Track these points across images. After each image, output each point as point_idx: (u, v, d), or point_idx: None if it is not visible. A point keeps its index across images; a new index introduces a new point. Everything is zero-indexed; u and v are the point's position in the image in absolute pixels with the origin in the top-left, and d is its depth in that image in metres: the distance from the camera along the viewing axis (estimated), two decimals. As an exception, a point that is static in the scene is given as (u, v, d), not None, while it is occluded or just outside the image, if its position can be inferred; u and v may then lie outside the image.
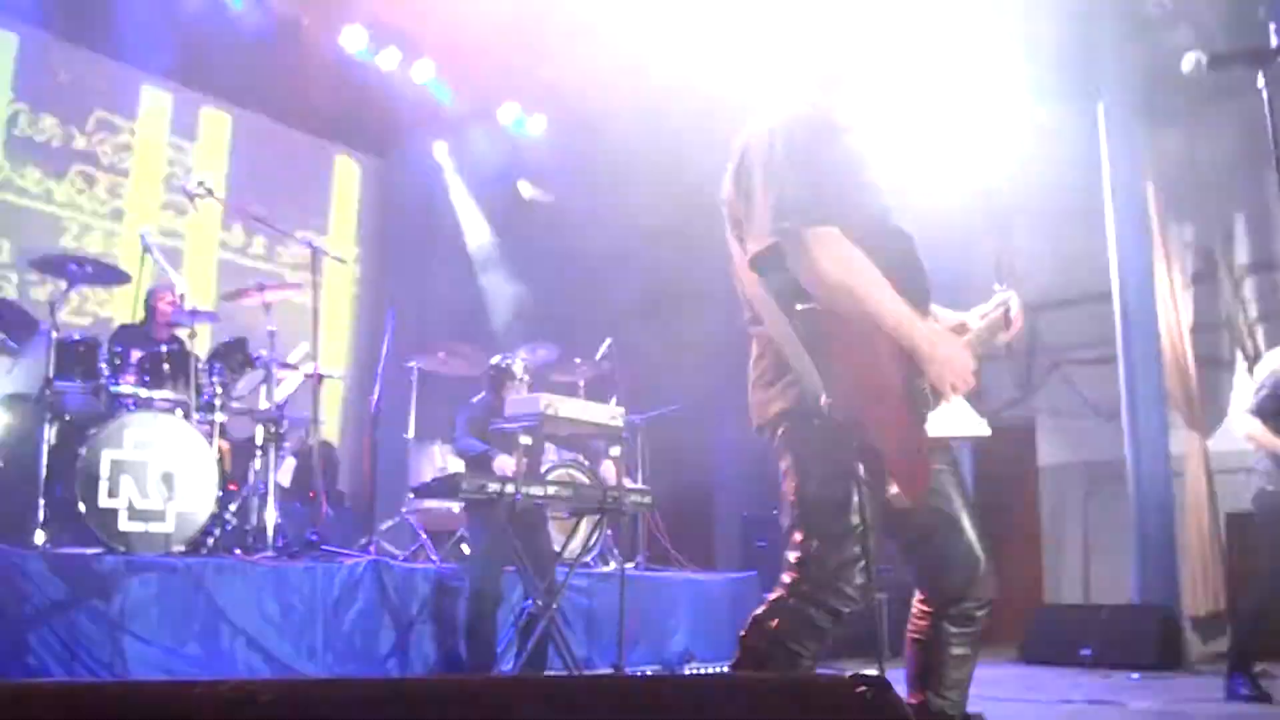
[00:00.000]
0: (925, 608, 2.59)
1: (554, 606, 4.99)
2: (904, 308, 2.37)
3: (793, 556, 2.43)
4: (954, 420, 2.44)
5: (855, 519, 2.34)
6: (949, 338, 2.44)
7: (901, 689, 1.95)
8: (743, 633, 2.46)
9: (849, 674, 1.45)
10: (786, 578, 2.43)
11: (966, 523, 2.54)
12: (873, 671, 1.48)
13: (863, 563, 2.36)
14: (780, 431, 2.50)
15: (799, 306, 2.33)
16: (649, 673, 5.94)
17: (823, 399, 2.27)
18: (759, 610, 2.46)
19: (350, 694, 1.34)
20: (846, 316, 2.33)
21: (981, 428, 2.49)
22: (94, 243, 7.72)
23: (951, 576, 2.53)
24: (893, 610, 6.50)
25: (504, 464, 5.34)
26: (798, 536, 2.43)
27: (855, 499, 2.34)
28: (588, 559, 6.30)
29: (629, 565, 6.68)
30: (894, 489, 2.34)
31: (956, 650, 2.54)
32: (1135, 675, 6.48)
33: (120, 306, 6.21)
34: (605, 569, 6.66)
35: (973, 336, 2.65)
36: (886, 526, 2.49)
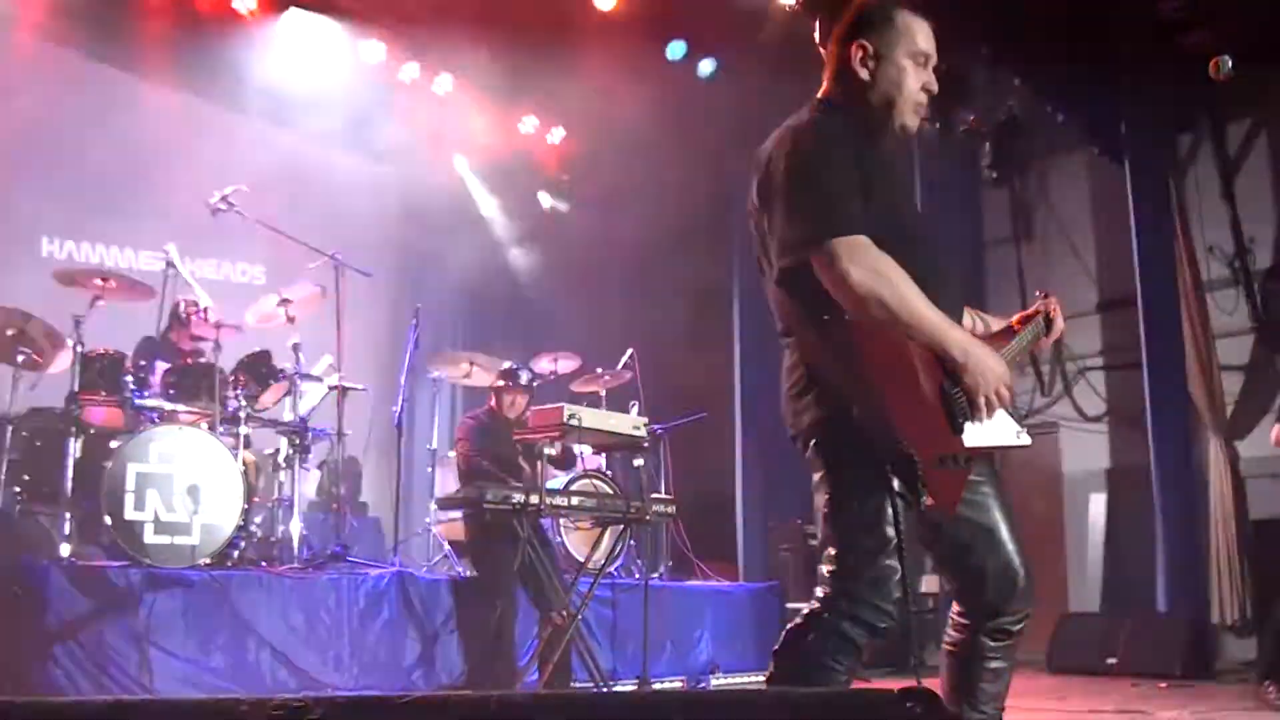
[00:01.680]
0: (962, 620, 2.54)
1: (577, 618, 4.94)
2: (937, 315, 2.29)
3: (827, 571, 2.37)
4: (993, 430, 2.37)
5: (890, 532, 2.29)
6: (983, 347, 2.36)
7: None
8: (776, 648, 2.41)
9: (897, 689, 1.40)
10: (821, 592, 2.37)
11: (1005, 535, 2.48)
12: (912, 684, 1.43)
13: (898, 576, 2.32)
14: (813, 443, 2.43)
15: (827, 317, 2.29)
16: (677, 685, 5.91)
17: (855, 410, 2.23)
18: (793, 625, 2.41)
19: (398, 709, 1.32)
20: (878, 326, 2.26)
21: (1021, 438, 2.42)
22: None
23: (989, 591, 2.47)
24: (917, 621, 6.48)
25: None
26: (832, 550, 2.37)
27: (890, 512, 2.28)
28: (611, 569, 6.28)
29: (653, 575, 6.64)
30: (929, 501, 2.28)
31: (993, 664, 2.49)
32: (1162, 684, 6.39)
33: (145, 321, 6.21)
34: (629, 579, 6.63)
35: (1014, 344, 2.58)
36: (923, 539, 2.45)
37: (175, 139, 8.39)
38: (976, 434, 2.34)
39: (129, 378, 5.33)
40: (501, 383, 5.98)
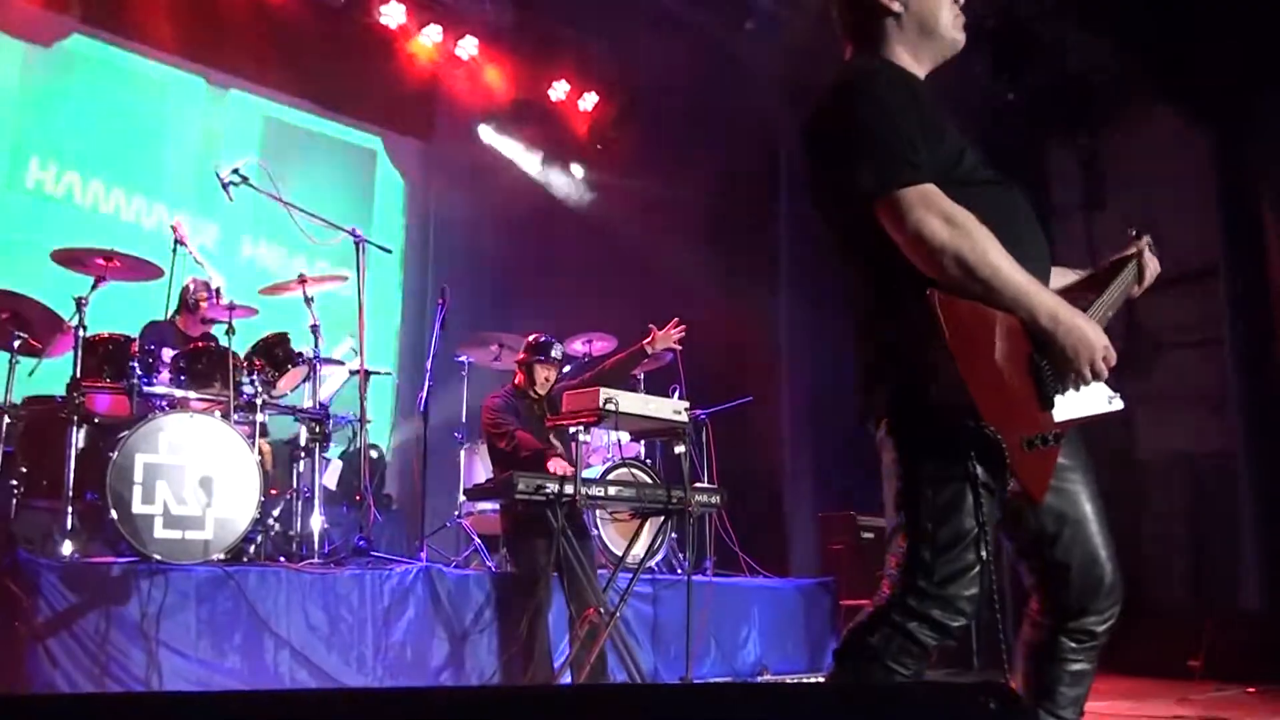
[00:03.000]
0: (1040, 619, 2.46)
1: (615, 615, 4.92)
2: (1021, 275, 2.19)
3: (895, 564, 2.29)
4: (1084, 399, 2.26)
5: (969, 523, 2.20)
6: (1076, 312, 2.25)
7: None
8: (837, 648, 2.34)
9: (971, 682, 1.32)
10: (887, 588, 2.29)
11: (1094, 526, 2.40)
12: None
13: (975, 570, 2.22)
14: (884, 424, 2.34)
15: (898, 281, 2.20)
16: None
17: (932, 387, 2.15)
18: (856, 622, 2.34)
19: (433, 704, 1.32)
20: (955, 288, 2.17)
21: (1114, 403, 2.32)
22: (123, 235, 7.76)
23: (1073, 587, 2.39)
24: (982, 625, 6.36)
25: (560, 465, 5.27)
26: (902, 543, 2.28)
27: (969, 499, 2.20)
28: (652, 564, 6.22)
29: (696, 570, 6.57)
30: (1014, 485, 2.19)
31: (1074, 666, 2.41)
32: (1250, 689, 6.23)
33: (153, 303, 6.20)
34: (670, 575, 6.59)
35: (1105, 297, 2.47)
36: (1002, 526, 2.38)
37: (180, 110, 8.40)
38: (1066, 406, 2.24)
39: (135, 363, 5.27)
40: (533, 356, 5.90)
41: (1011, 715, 1.34)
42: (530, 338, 6.01)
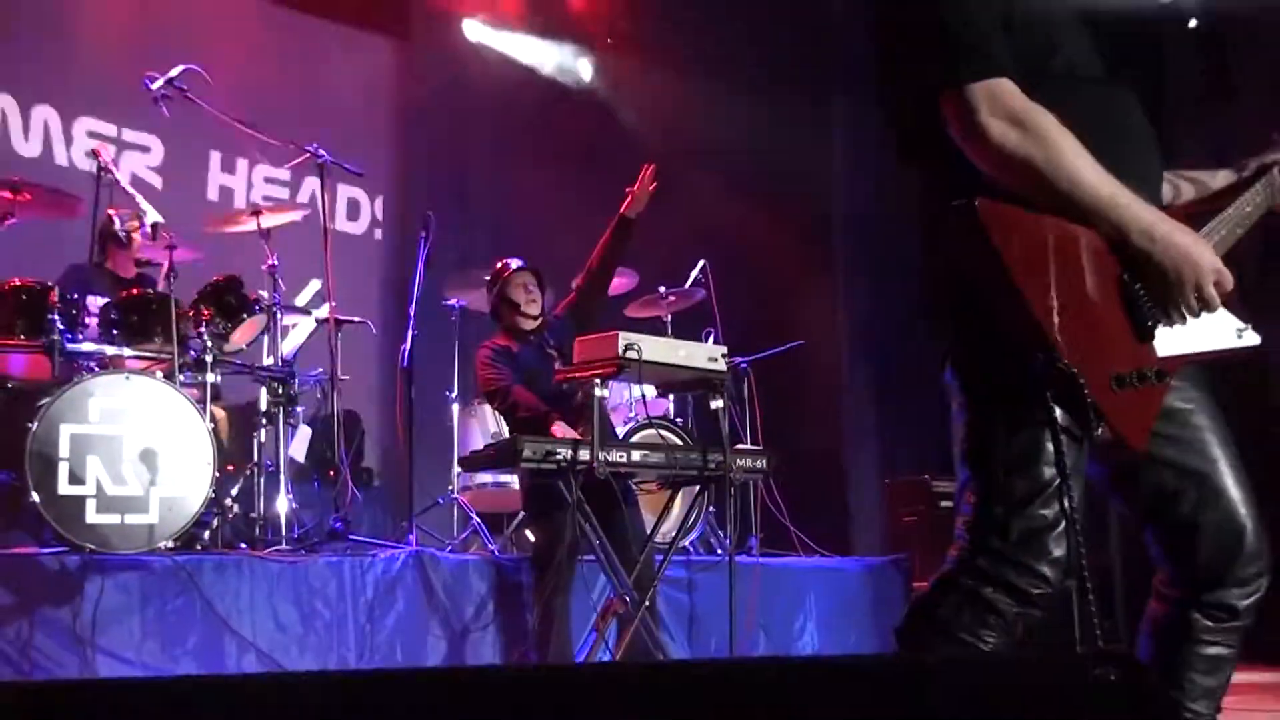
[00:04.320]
0: (1169, 592, 2.47)
1: (645, 604, 4.92)
2: (1109, 184, 2.21)
3: (964, 525, 2.34)
4: (1200, 331, 2.24)
5: (1048, 472, 2.23)
6: (1178, 225, 2.25)
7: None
8: (899, 625, 2.39)
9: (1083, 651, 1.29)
10: (955, 552, 2.35)
11: (1228, 478, 2.38)
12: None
13: (1058, 529, 2.24)
14: (949, 363, 2.40)
15: (965, 192, 2.20)
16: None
17: (1001, 318, 2.18)
18: (920, 595, 2.41)
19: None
20: (1031, 201, 2.20)
21: (1246, 337, 2.30)
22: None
23: (1204, 552, 2.38)
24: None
25: (564, 429, 5.23)
26: (971, 498, 2.33)
27: (1048, 446, 2.22)
28: (686, 543, 6.19)
29: (740, 550, 6.57)
30: (1106, 433, 2.19)
31: (1210, 649, 2.41)
32: None
33: (75, 246, 6.18)
34: (709, 556, 6.58)
35: (1232, 211, 2.44)
36: (1112, 484, 2.42)
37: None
38: (1174, 338, 2.24)
39: (56, 315, 5.24)
40: (496, 282, 5.82)
41: (1139, 689, 1.30)
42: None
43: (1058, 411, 2.20)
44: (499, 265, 5.93)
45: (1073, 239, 2.21)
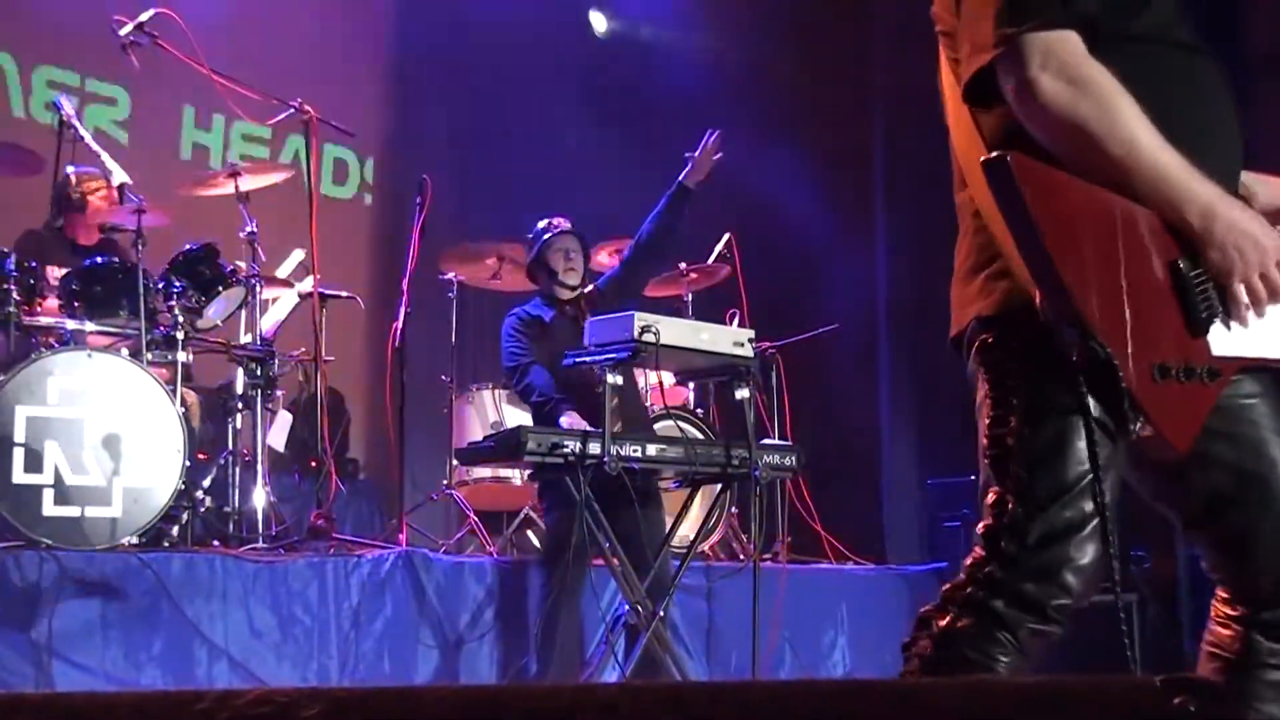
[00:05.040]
0: (1228, 611, 2.43)
1: (660, 615, 4.92)
2: (1169, 155, 2.17)
3: (983, 528, 2.32)
4: (1264, 336, 2.22)
5: (1077, 470, 2.21)
6: (1242, 208, 2.23)
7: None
8: (906, 640, 2.35)
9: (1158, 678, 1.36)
10: (970, 560, 2.32)
11: None
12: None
13: (1084, 531, 2.22)
14: (976, 345, 2.37)
15: (1009, 155, 2.16)
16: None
17: (1037, 296, 2.14)
18: (927, 608, 2.35)
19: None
20: (1078, 169, 2.17)
21: None
22: None
23: (1262, 565, 2.35)
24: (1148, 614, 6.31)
25: (574, 419, 5.22)
26: (991, 497, 2.31)
27: (1078, 441, 2.20)
28: (705, 547, 6.19)
29: (765, 555, 6.55)
30: (1144, 429, 2.15)
31: (1276, 674, 2.37)
32: None
33: (31, 209, 6.18)
34: (731, 562, 6.59)
35: None
36: (1158, 492, 2.39)
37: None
38: (1234, 339, 2.21)
39: (10, 287, 5.25)
40: (536, 245, 5.79)
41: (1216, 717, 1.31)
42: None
43: (1092, 402, 2.18)
44: (541, 224, 5.89)
45: (1125, 213, 2.19)
